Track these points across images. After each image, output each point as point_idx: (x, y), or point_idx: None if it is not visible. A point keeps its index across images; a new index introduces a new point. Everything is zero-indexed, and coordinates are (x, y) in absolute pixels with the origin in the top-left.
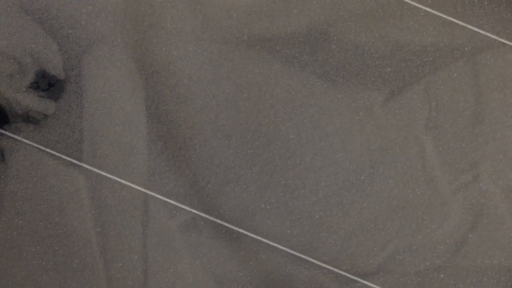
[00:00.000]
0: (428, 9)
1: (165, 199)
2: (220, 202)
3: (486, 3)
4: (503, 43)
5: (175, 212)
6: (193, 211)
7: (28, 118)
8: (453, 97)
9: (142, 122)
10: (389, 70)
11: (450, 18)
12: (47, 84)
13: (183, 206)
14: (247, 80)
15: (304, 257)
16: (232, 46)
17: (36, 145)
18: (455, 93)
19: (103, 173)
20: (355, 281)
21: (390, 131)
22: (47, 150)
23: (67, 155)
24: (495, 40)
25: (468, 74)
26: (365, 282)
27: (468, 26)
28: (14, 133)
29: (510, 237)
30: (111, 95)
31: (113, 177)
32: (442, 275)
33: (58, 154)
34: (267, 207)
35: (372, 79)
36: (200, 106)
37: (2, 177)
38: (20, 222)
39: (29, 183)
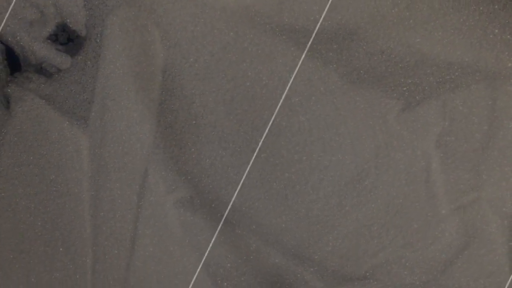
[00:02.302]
0: (459, 26)
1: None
2: (220, 185)
3: None
4: None
5: (173, 187)
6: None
7: (41, 70)
8: (468, 118)
9: (156, 93)
10: (410, 81)
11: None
12: (66, 39)
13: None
14: (269, 67)
15: (294, 252)
16: (259, 31)
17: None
18: (470, 114)
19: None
20: (341, 284)
21: (400, 141)
22: (55, 104)
23: (75, 114)
24: None
25: (486, 98)
26: (351, 286)
27: (495, 50)
28: (24, 82)
29: (499, 264)
30: (129, 60)
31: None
32: None
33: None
34: (267, 197)
35: (392, 87)
36: (217, 86)
37: (4, 125)
38: (15, 173)
39: (31, 136)
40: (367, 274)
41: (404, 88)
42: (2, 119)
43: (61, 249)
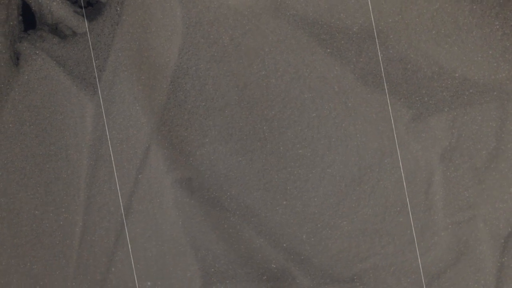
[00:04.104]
0: (480, 44)
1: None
2: (221, 170)
3: None
4: None
5: (173, 167)
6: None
7: (56, 30)
8: (476, 136)
9: (170, 69)
10: (424, 92)
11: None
12: (86, 2)
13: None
14: (287, 59)
15: (286, 247)
16: (282, 21)
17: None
18: (478, 132)
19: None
20: (328, 284)
21: (406, 150)
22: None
23: (84, 79)
24: None
25: (496, 118)
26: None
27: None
28: (36, 41)
29: (485, 283)
30: (147, 33)
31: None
32: None
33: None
34: (266, 188)
35: (406, 96)
36: (232, 70)
37: (11, 81)
38: (15, 131)
39: (36, 95)
40: (355, 277)
41: (417, 98)
42: (10, 75)
43: (51, 214)
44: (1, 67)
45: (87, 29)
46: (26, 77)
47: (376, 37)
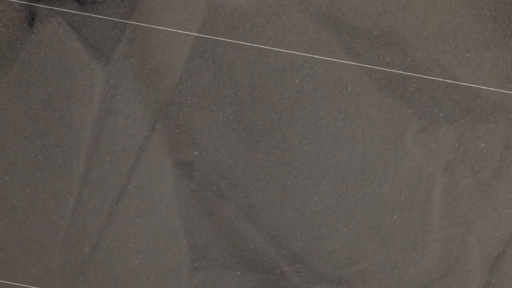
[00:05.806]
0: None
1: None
2: (224, 157)
3: None
4: None
5: (177, 148)
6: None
7: None
8: (481, 153)
9: (186, 50)
10: (435, 103)
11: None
12: None
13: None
14: (304, 54)
15: (279, 241)
16: (305, 16)
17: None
18: (484, 150)
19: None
20: (316, 283)
21: (410, 159)
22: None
23: (98, 48)
24: None
25: (503, 139)
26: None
27: None
28: (55, 3)
29: None
30: (168, 9)
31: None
32: None
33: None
34: (267, 181)
35: (417, 105)
36: (248, 58)
37: (23, 41)
38: (21, 93)
39: (47, 58)
40: (343, 279)
41: (428, 109)
42: (23, 35)
43: (47, 181)
44: (15, 26)
45: None
46: (39, 39)
47: (396, 43)
